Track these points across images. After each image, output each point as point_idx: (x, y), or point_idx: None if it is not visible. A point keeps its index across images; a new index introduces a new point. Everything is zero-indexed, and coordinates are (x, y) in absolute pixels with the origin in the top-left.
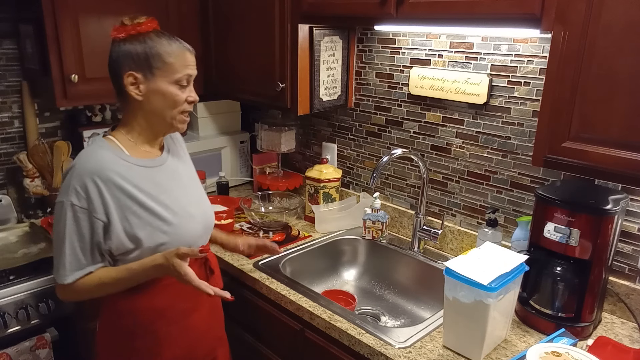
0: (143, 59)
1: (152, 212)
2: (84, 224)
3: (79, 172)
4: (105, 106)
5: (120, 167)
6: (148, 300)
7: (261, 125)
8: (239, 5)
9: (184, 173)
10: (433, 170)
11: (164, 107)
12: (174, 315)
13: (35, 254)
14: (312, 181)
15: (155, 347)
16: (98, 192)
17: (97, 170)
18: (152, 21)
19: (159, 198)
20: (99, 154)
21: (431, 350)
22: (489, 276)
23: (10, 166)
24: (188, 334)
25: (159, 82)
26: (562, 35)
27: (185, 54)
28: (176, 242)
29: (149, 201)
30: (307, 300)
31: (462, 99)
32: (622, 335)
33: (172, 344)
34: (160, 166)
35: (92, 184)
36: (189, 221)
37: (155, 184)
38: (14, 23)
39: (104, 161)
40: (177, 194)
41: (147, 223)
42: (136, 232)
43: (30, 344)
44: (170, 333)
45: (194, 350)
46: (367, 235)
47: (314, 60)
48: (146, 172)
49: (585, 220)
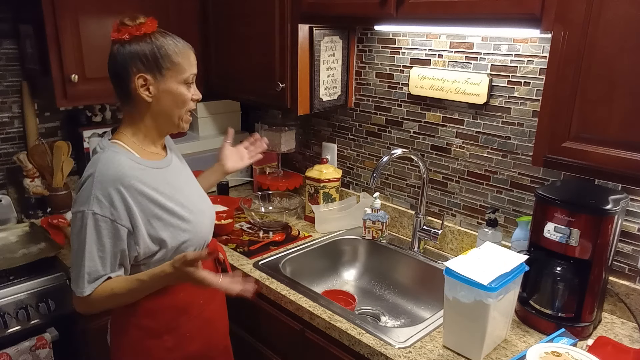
0: (152, 60)
1: (172, 213)
2: (105, 232)
3: (100, 181)
4: (105, 106)
5: (137, 171)
6: (170, 299)
7: (261, 125)
8: (239, 5)
9: (185, 171)
10: (433, 170)
11: (173, 107)
12: (194, 310)
13: (35, 254)
14: (312, 181)
15: (179, 344)
16: (122, 200)
17: (120, 178)
18: (152, 21)
19: (175, 197)
20: (116, 160)
21: (431, 350)
22: (489, 276)
23: (10, 166)
24: (207, 327)
25: (168, 83)
26: (562, 35)
27: (190, 53)
28: (195, 239)
29: (168, 202)
30: (307, 300)
31: (462, 99)
32: (622, 335)
33: (194, 338)
34: (168, 166)
35: (115, 192)
36: (203, 217)
37: (169, 184)
38: (14, 23)
39: (124, 167)
40: (187, 191)
41: (169, 224)
42: (160, 234)
43: (30, 344)
44: (191, 329)
45: (213, 342)
46: (367, 235)
47: (314, 60)
48: (159, 173)
49: (585, 220)
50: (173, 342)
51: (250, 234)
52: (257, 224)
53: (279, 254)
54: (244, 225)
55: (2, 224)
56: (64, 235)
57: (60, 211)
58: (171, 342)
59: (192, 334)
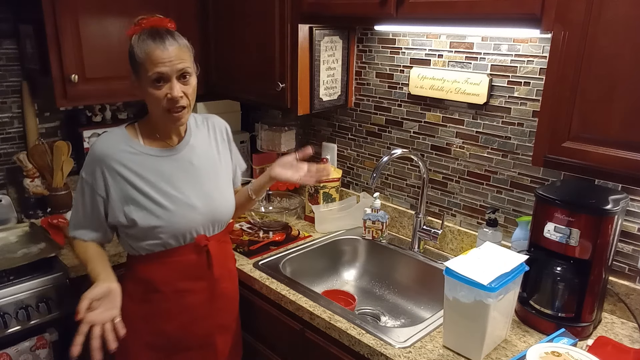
0: (130, 60)
1: (148, 197)
2: (87, 195)
3: (91, 155)
4: (105, 106)
5: (124, 154)
6: (146, 273)
7: (261, 125)
8: (239, 5)
9: (200, 165)
10: (433, 170)
11: (151, 106)
12: (168, 292)
13: (35, 254)
14: None
15: (152, 318)
16: (102, 176)
17: (103, 158)
18: (149, 20)
19: (159, 185)
20: (109, 141)
21: (431, 350)
22: (489, 276)
23: (10, 166)
24: (184, 314)
25: (142, 82)
26: (562, 35)
27: (154, 52)
28: (170, 228)
29: (145, 187)
30: (307, 300)
31: (462, 99)
32: (622, 335)
33: (169, 320)
34: (170, 156)
35: (98, 168)
36: (188, 211)
37: (157, 171)
38: (14, 23)
39: (111, 149)
40: (182, 183)
41: (143, 207)
42: (132, 215)
43: (30, 344)
44: (166, 309)
45: (190, 331)
46: (367, 235)
47: (314, 60)
48: (152, 160)
49: (585, 220)
50: (145, 312)
51: (250, 234)
52: (257, 224)
53: (279, 254)
54: (244, 225)
55: (2, 224)
56: (64, 235)
57: (60, 211)
58: (144, 312)
59: (168, 315)
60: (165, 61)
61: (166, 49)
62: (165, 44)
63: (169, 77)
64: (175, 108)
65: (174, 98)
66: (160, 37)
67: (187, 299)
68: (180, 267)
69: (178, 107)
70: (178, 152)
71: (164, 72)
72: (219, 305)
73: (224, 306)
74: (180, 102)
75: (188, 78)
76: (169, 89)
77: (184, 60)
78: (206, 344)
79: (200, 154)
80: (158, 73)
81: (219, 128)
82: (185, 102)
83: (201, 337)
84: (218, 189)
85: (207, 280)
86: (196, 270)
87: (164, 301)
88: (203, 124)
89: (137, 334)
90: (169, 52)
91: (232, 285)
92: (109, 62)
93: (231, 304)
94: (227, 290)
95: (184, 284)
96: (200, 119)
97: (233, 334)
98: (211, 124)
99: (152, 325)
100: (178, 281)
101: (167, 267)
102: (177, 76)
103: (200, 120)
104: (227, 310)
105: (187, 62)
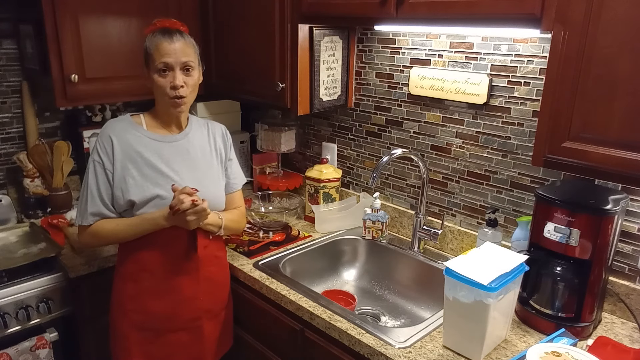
0: (143, 54)
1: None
2: (99, 174)
3: (101, 134)
4: (105, 106)
5: (130, 135)
6: (136, 250)
7: (261, 125)
8: (239, 6)
9: (195, 156)
10: (433, 170)
11: (157, 94)
12: (156, 271)
13: (35, 254)
14: (312, 181)
15: (139, 295)
16: (111, 151)
17: (110, 136)
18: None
19: (157, 165)
20: (117, 124)
21: (431, 350)
22: (489, 276)
23: (10, 166)
24: (171, 294)
25: (150, 73)
26: (562, 35)
27: (162, 44)
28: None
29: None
30: (307, 300)
31: (462, 99)
32: (622, 335)
33: (157, 299)
34: (171, 142)
35: (106, 144)
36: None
37: (157, 153)
38: (14, 23)
39: (117, 130)
40: (178, 166)
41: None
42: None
43: (30, 344)
44: (152, 288)
45: (177, 312)
46: (367, 235)
47: (314, 60)
48: (153, 143)
49: (585, 220)
50: (135, 292)
51: (250, 234)
52: (257, 224)
53: (279, 254)
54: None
55: (2, 224)
56: (64, 235)
57: (60, 211)
58: (134, 291)
59: (156, 294)
60: (170, 53)
61: (173, 43)
62: (172, 39)
63: (173, 67)
64: (178, 97)
65: (176, 86)
66: (169, 34)
67: (174, 279)
68: (168, 246)
69: (179, 95)
70: (177, 140)
71: (169, 62)
72: (204, 288)
73: (210, 290)
74: (180, 91)
75: (191, 71)
76: (172, 77)
77: (188, 55)
78: (193, 327)
79: (197, 147)
80: (164, 63)
81: (220, 134)
82: (185, 92)
83: (188, 320)
84: (209, 178)
85: (194, 262)
86: (182, 251)
87: (152, 279)
88: (204, 126)
89: (127, 314)
90: (174, 46)
91: (220, 271)
92: (108, 62)
93: (218, 290)
94: (213, 275)
95: (171, 263)
96: (202, 122)
97: (222, 321)
98: (212, 128)
99: (140, 304)
100: (165, 259)
101: (155, 245)
102: (180, 68)
103: (202, 122)
104: (214, 295)
105: (190, 57)
